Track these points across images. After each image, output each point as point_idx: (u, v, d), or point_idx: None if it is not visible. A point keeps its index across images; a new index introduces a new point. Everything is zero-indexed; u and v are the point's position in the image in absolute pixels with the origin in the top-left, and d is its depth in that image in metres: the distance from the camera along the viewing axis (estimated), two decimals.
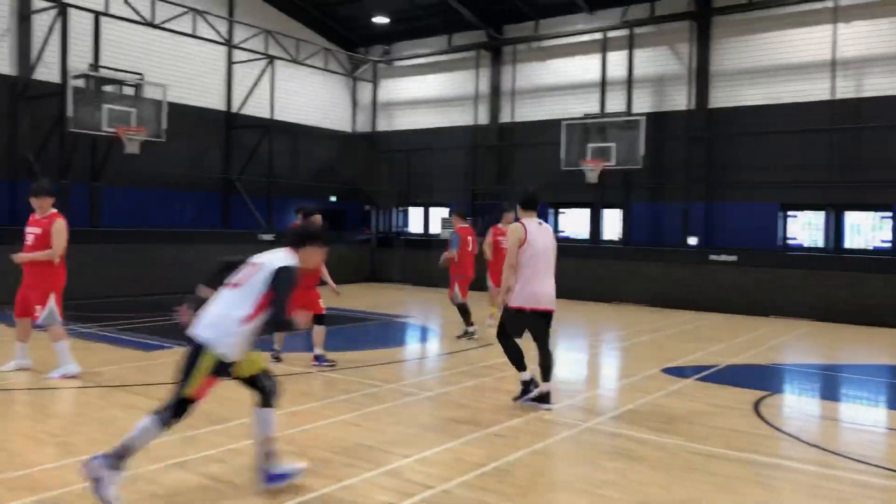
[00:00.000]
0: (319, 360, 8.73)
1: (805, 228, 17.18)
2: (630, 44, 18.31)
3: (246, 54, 19.79)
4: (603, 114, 18.32)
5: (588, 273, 17.75)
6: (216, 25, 18.56)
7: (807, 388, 9.22)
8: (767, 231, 17.12)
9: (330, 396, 7.37)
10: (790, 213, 17.20)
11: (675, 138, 18.20)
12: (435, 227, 22.60)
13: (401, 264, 21.74)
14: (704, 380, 8.74)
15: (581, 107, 19.15)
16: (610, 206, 19.22)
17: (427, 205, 23.03)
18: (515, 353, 7.11)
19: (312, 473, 4.93)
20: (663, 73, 18.53)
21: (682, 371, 9.22)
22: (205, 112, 19.67)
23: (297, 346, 9.44)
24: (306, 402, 7.08)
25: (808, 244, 17.02)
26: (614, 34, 18.72)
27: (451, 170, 21.77)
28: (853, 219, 16.48)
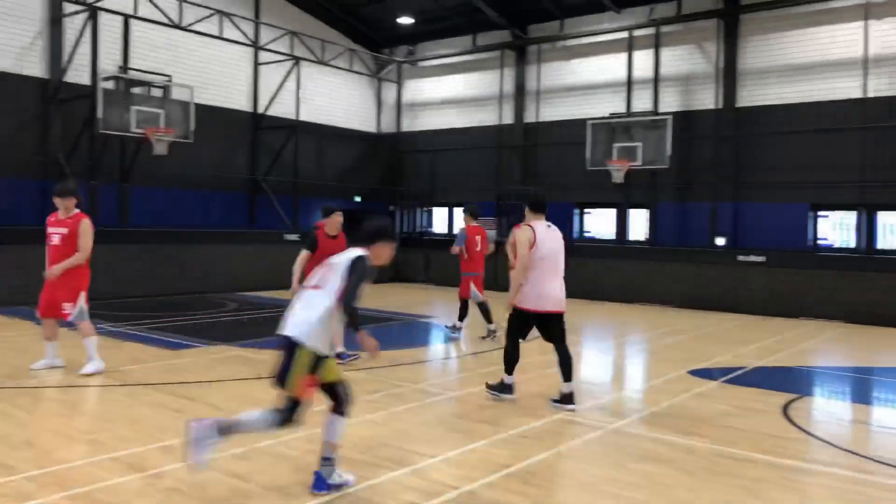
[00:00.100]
0: (342, 357, 8.77)
1: (836, 228, 16.91)
2: (657, 42, 18.16)
3: (272, 55, 19.94)
4: (629, 113, 18.19)
5: (614, 274, 17.64)
6: (242, 27, 18.72)
7: (837, 391, 9.06)
8: (797, 231, 16.86)
9: (355, 396, 7.37)
10: (821, 213, 16.93)
11: (702, 137, 18.01)
12: (459, 228, 22.54)
13: (425, 264, 21.77)
14: (732, 382, 8.63)
15: (607, 106, 19.03)
16: (636, 206, 19.07)
17: (451, 205, 23.02)
18: (512, 354, 7.25)
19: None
20: (690, 71, 18.35)
21: (709, 373, 9.12)
22: (231, 113, 19.85)
23: None
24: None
25: (840, 245, 16.74)
26: (640, 33, 18.58)
27: (476, 170, 21.76)
28: (886, 219, 16.17)
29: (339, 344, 8.85)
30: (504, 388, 7.31)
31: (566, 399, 6.98)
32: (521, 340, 7.28)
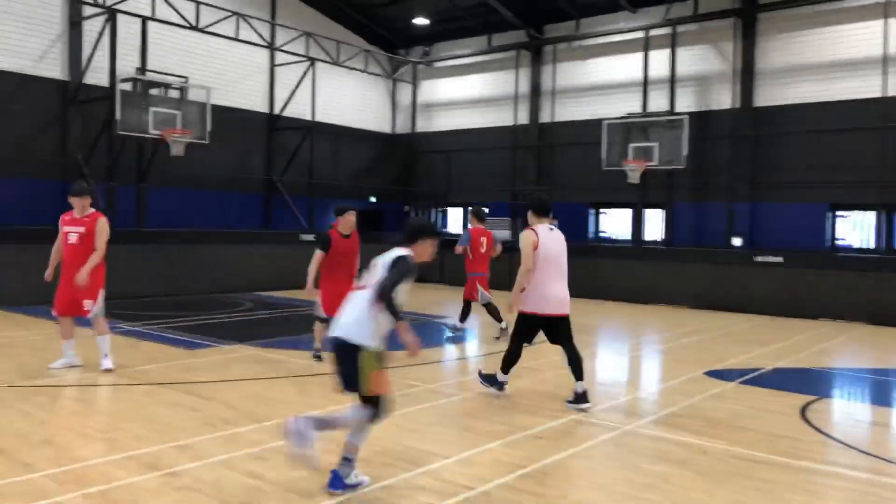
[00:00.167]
0: None
1: (855, 229, 16.73)
2: (673, 42, 18.08)
3: (287, 56, 20.04)
4: (645, 113, 18.11)
5: (630, 274, 17.54)
6: (258, 28, 18.84)
7: (856, 393, 8.97)
8: (815, 232, 16.72)
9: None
10: (839, 213, 16.77)
11: (719, 137, 17.90)
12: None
13: (439, 264, 21.76)
14: (749, 383, 8.57)
15: (622, 106, 18.96)
16: (652, 206, 18.99)
17: (466, 205, 23.01)
18: (512, 355, 7.33)
19: None
20: (707, 71, 18.24)
21: (726, 374, 9.05)
22: (248, 114, 19.97)
23: None
24: (345, 401, 7.10)
25: (859, 245, 16.57)
26: (656, 32, 18.50)
27: (491, 170, 21.74)
28: None
29: (317, 341, 8.89)
30: (494, 382, 7.48)
31: (580, 398, 6.97)
32: (525, 344, 7.37)
